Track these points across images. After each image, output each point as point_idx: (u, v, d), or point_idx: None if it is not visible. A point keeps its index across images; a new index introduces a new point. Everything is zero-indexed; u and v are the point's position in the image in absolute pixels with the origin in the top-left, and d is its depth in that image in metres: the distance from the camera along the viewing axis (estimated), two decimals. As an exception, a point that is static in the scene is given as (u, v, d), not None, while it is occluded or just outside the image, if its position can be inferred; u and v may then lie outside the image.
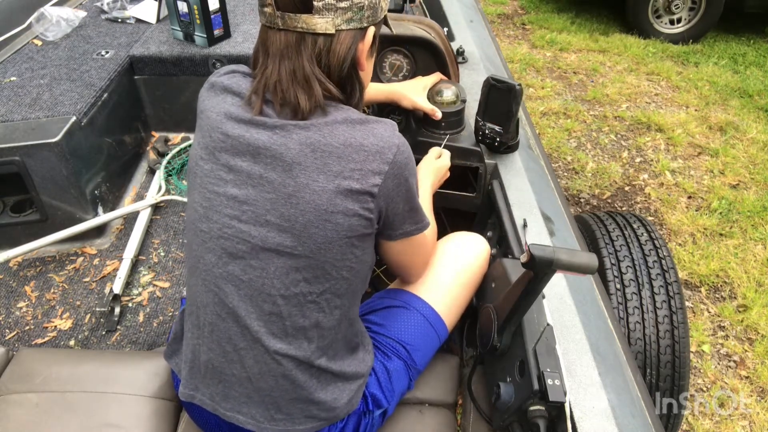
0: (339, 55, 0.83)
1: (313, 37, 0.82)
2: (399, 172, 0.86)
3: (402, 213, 0.91)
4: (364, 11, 0.83)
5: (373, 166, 0.83)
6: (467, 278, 1.19)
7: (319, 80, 0.83)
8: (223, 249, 0.87)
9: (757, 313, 2.16)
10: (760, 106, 3.52)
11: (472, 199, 1.46)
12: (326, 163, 0.81)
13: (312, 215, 0.82)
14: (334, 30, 0.82)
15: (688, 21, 4.34)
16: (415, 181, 0.91)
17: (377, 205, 0.85)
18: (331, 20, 0.81)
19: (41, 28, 2.41)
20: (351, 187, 0.82)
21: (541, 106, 3.56)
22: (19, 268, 1.89)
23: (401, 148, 0.86)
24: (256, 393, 0.92)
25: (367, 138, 0.83)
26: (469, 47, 1.84)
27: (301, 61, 0.82)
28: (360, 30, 0.85)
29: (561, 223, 1.30)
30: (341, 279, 0.89)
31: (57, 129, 1.78)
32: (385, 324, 1.12)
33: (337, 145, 0.82)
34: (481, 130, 1.35)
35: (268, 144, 0.83)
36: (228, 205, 0.86)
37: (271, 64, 0.84)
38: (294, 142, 0.82)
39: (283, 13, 0.81)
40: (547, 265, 0.77)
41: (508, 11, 5.11)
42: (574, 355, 0.96)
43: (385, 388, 1.05)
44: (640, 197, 2.81)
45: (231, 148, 0.86)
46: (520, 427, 0.95)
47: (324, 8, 0.80)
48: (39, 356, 1.22)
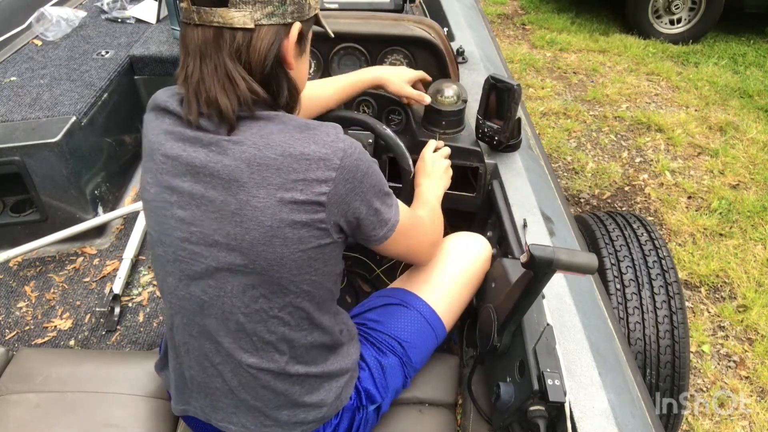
0: (260, 51, 0.78)
1: (231, 32, 0.77)
2: (349, 177, 0.80)
3: (368, 217, 0.86)
4: (286, 6, 0.79)
5: (318, 175, 0.77)
6: (467, 279, 1.18)
7: (243, 78, 0.78)
8: (181, 271, 0.86)
9: (757, 313, 2.16)
10: (760, 106, 3.52)
11: (472, 199, 1.46)
12: (265, 177, 0.76)
13: (257, 233, 0.78)
14: (253, 24, 0.77)
15: (688, 21, 4.34)
16: (374, 180, 0.85)
17: (330, 215, 0.80)
18: (249, 14, 0.76)
19: (41, 28, 2.41)
20: (295, 198, 0.77)
21: (541, 106, 3.56)
22: (19, 268, 1.89)
23: (348, 151, 0.80)
24: (242, 404, 0.92)
25: (307, 146, 0.78)
26: (469, 47, 1.84)
27: (221, 57, 0.77)
28: (284, 26, 0.80)
29: (561, 223, 1.30)
30: (302, 293, 0.85)
31: (57, 129, 1.78)
32: (381, 321, 1.12)
33: (275, 156, 0.77)
34: (481, 129, 1.36)
35: (204, 162, 0.79)
36: (177, 228, 0.83)
37: (192, 62, 0.79)
38: (229, 159, 0.77)
39: (199, 7, 0.76)
40: (547, 265, 0.77)
41: (508, 11, 5.11)
42: (574, 355, 0.96)
43: (379, 383, 1.05)
44: (640, 197, 2.81)
45: (172, 169, 0.82)
46: (520, 427, 0.95)
47: (241, 1, 0.75)
48: (39, 356, 1.22)
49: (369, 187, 0.84)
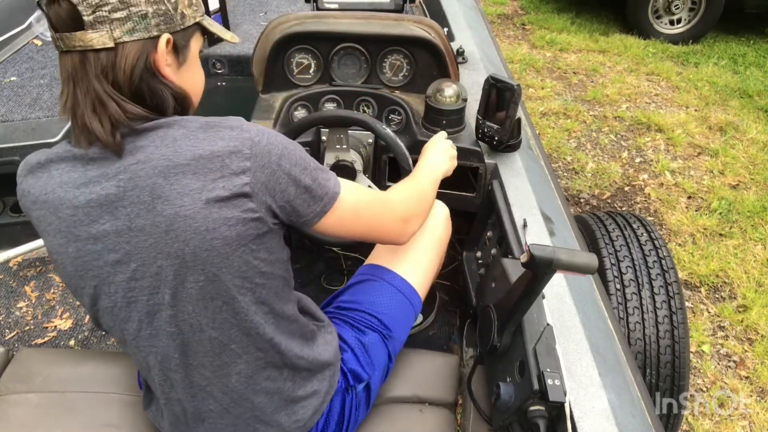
0: (124, 69, 0.76)
1: (94, 54, 0.75)
2: (265, 162, 0.79)
3: (299, 196, 0.83)
4: (149, 19, 0.77)
5: (233, 168, 0.76)
6: (431, 243, 1.21)
7: (111, 97, 0.76)
8: (138, 312, 0.83)
9: (757, 313, 2.16)
10: (760, 106, 3.52)
11: (472, 199, 1.46)
12: (184, 184, 0.75)
13: (196, 241, 0.76)
14: (113, 43, 0.75)
15: (688, 21, 4.34)
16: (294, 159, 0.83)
17: (260, 202, 0.79)
18: (107, 33, 0.74)
19: (41, 28, 2.40)
20: (220, 195, 0.75)
21: (541, 106, 3.56)
22: (19, 268, 1.89)
23: (256, 138, 0.79)
24: (239, 419, 0.92)
25: (214, 143, 0.76)
26: (469, 47, 1.84)
27: (89, 82, 0.76)
28: (150, 39, 0.78)
29: (561, 223, 1.30)
30: (256, 287, 0.83)
31: (57, 129, 1.78)
32: (355, 300, 1.13)
33: (187, 162, 0.75)
34: (481, 129, 1.36)
35: (119, 193, 0.76)
36: (117, 272, 0.80)
37: (66, 89, 0.78)
38: (143, 179, 0.75)
39: (61, 34, 0.75)
40: (547, 265, 0.77)
41: (508, 11, 5.11)
42: (574, 355, 0.96)
43: (364, 362, 1.05)
44: (640, 197, 2.81)
45: (85, 218, 0.78)
46: (520, 427, 0.95)
47: (96, 21, 0.73)
48: (39, 356, 1.22)
49: (290, 167, 0.82)
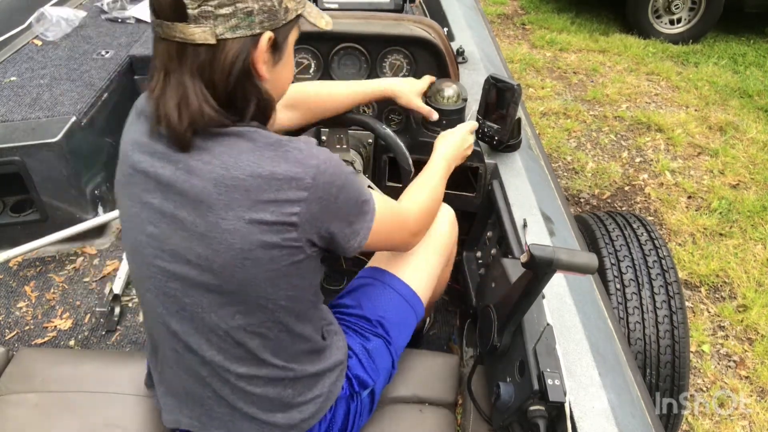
0: (223, 67, 0.74)
1: (193, 48, 0.73)
2: (323, 195, 0.77)
3: (342, 230, 0.83)
4: (253, 17, 0.73)
5: (289, 195, 0.74)
6: (435, 248, 1.18)
7: (200, 99, 0.74)
8: (157, 288, 0.84)
9: (757, 313, 2.16)
10: (760, 106, 3.52)
11: (472, 199, 1.46)
12: (234, 199, 0.73)
13: (228, 255, 0.75)
14: (215, 40, 0.72)
15: (688, 21, 4.33)
16: (349, 194, 0.82)
17: (303, 233, 0.77)
18: (210, 29, 0.71)
19: (41, 28, 2.41)
20: (265, 219, 0.74)
21: (541, 106, 3.55)
22: (19, 268, 1.89)
23: (321, 167, 0.76)
24: (236, 412, 0.91)
25: (278, 165, 0.74)
26: (469, 47, 1.84)
27: (182, 75, 0.74)
28: (252, 37, 0.75)
29: (561, 223, 1.30)
30: (279, 308, 0.83)
31: (57, 129, 1.78)
32: (358, 304, 1.12)
33: (244, 177, 0.73)
34: (481, 129, 1.36)
35: (172, 180, 0.76)
36: (149, 245, 0.81)
37: (156, 77, 0.76)
38: (196, 178, 0.74)
39: (162, 21, 0.72)
40: (547, 265, 0.77)
41: (508, 11, 5.11)
42: (574, 355, 0.96)
43: (368, 368, 1.05)
44: (640, 197, 2.81)
45: (141, 183, 0.80)
46: (520, 427, 0.95)
47: (201, 16, 0.71)
48: (39, 356, 1.22)
49: (344, 202, 0.81)
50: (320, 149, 0.79)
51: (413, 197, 1.10)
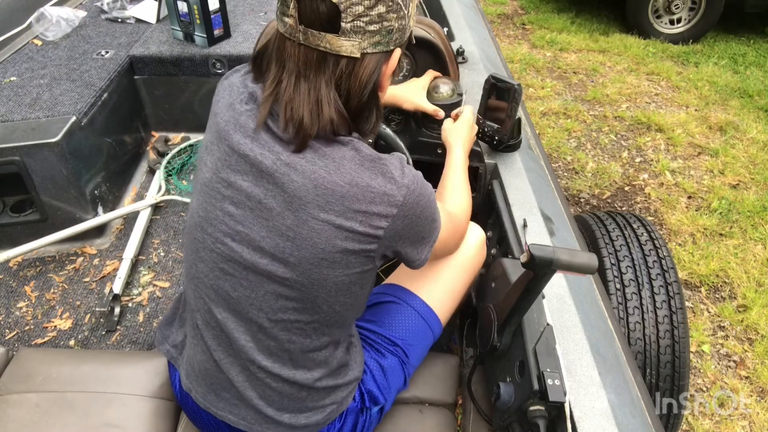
0: (361, 79, 0.78)
1: (335, 59, 0.76)
2: (409, 213, 0.82)
3: (414, 245, 0.88)
4: (392, 34, 0.78)
5: (380, 209, 0.78)
6: (462, 269, 1.17)
7: (330, 104, 0.77)
8: (214, 262, 0.86)
9: (757, 313, 2.16)
10: (760, 106, 3.52)
11: (472, 199, 1.46)
12: (329, 202, 0.77)
13: (308, 252, 0.79)
14: (360, 54, 0.76)
15: (688, 21, 4.33)
16: (429, 213, 0.87)
17: (381, 246, 0.82)
18: (357, 43, 0.75)
19: (41, 28, 2.41)
20: (353, 228, 0.78)
21: (541, 106, 3.55)
22: (19, 268, 1.89)
23: (411, 187, 0.81)
24: (245, 400, 0.93)
25: (375, 178, 0.78)
26: (469, 47, 1.84)
27: (318, 82, 0.77)
28: (385, 53, 0.79)
29: (561, 223, 1.30)
30: (333, 312, 0.86)
31: (57, 129, 1.78)
32: (377, 321, 1.12)
33: (343, 183, 0.77)
34: (481, 129, 1.36)
35: (271, 169, 0.79)
36: (223, 221, 0.83)
37: (287, 79, 0.78)
38: (298, 175, 0.77)
39: (306, 28, 0.75)
40: (547, 265, 0.77)
41: (508, 11, 5.11)
42: (574, 355, 0.96)
43: (381, 385, 1.05)
44: (640, 197, 2.81)
45: (235, 164, 0.82)
46: (520, 427, 0.95)
47: (352, 30, 0.74)
48: (39, 356, 1.22)
49: (423, 221, 0.86)
50: (411, 169, 0.84)
51: (455, 201, 1.13)
